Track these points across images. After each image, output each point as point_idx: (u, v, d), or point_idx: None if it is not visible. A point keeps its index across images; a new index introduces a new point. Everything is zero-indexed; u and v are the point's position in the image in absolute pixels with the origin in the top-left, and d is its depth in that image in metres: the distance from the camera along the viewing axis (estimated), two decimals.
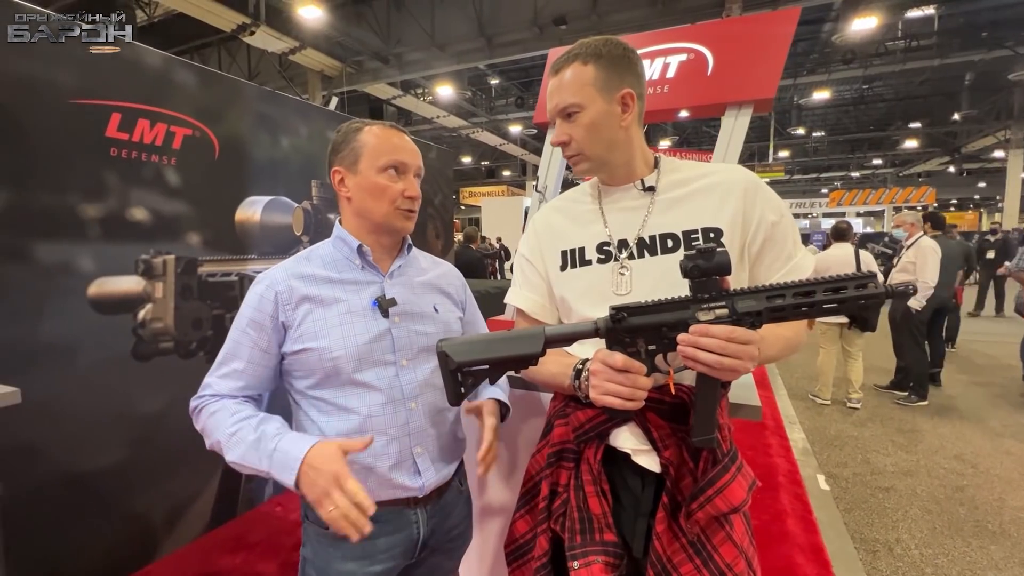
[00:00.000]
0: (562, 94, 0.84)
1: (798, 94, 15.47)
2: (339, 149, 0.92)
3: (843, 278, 0.65)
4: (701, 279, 0.69)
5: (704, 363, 0.67)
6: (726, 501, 0.74)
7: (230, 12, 8.89)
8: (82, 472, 1.85)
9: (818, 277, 0.67)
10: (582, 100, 0.83)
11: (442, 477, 0.93)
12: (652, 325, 0.71)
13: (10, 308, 1.64)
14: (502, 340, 0.76)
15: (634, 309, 0.72)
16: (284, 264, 0.91)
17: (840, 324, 4.10)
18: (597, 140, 0.85)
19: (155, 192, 2.04)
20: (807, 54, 13.27)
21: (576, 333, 0.75)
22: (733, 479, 0.76)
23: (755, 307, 0.67)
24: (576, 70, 0.83)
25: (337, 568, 0.84)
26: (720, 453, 0.77)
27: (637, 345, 0.72)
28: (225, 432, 0.81)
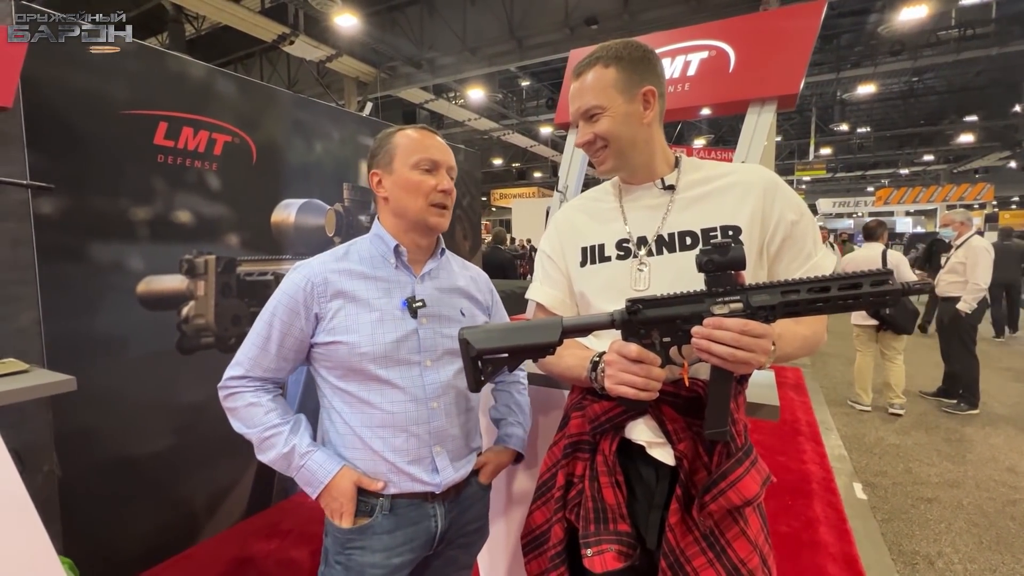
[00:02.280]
0: (584, 96, 0.86)
1: (841, 89, 14.84)
2: (376, 153, 0.98)
3: (860, 275, 0.64)
4: (716, 273, 0.70)
5: (717, 355, 0.67)
6: (739, 494, 0.74)
7: (271, 23, 9.28)
8: (132, 457, 1.98)
9: (834, 274, 0.67)
10: (604, 102, 0.84)
11: (460, 475, 0.96)
12: (667, 318, 0.72)
13: (68, 303, 1.77)
14: (521, 329, 0.79)
15: (649, 302, 0.73)
16: (322, 256, 0.96)
17: (874, 326, 3.92)
18: (619, 139, 0.86)
19: (198, 195, 2.16)
20: (851, 47, 12.71)
21: (592, 324, 0.78)
22: (747, 473, 0.76)
23: (769, 301, 0.67)
24: (597, 73, 0.85)
25: (360, 560, 0.88)
26: (734, 447, 0.78)
27: (652, 337, 0.73)
28: (258, 435, 0.91)
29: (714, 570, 0.77)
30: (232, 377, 0.93)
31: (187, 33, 10.87)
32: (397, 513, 0.89)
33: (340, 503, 0.86)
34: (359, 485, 0.87)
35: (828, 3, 6.77)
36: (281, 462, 0.88)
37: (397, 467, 0.89)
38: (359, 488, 0.88)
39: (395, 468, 0.89)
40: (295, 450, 0.88)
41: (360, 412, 0.89)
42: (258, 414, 0.90)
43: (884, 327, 3.84)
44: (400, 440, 0.89)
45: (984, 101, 15.60)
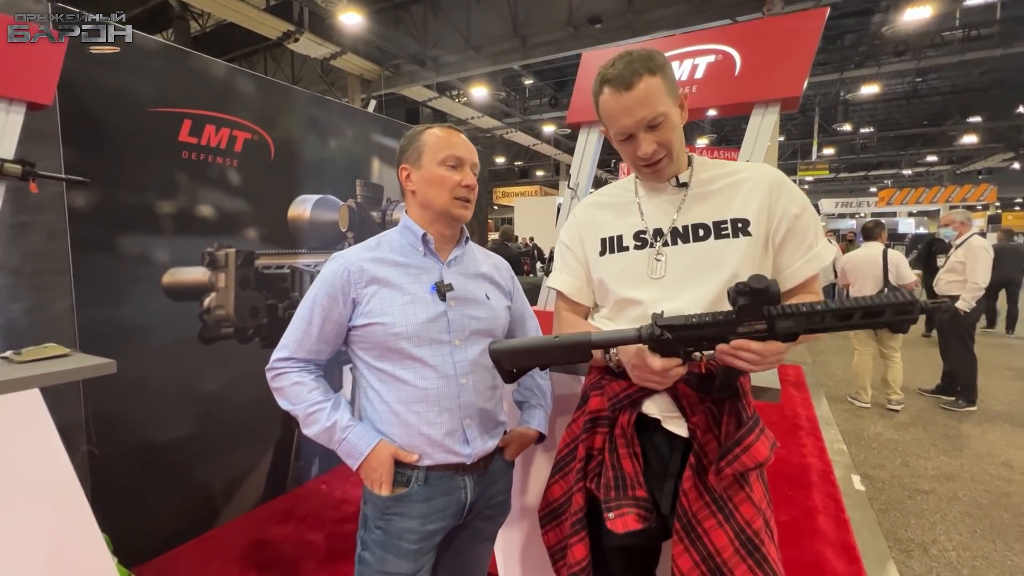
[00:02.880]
0: (648, 106, 0.87)
1: (844, 89, 14.84)
2: (405, 149, 1.04)
3: (884, 303, 0.67)
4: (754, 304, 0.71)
5: (739, 366, 0.75)
6: (752, 457, 0.82)
7: (276, 20, 9.35)
8: (155, 442, 2.06)
9: (861, 300, 0.69)
10: (666, 108, 0.88)
11: (487, 448, 1.03)
12: (693, 339, 0.77)
13: (99, 293, 1.85)
14: (551, 348, 0.86)
15: (676, 328, 0.76)
16: (357, 247, 1.03)
17: None
18: (675, 144, 0.91)
19: (219, 191, 2.24)
20: (855, 47, 12.73)
21: (619, 339, 0.82)
22: (757, 439, 0.84)
23: (793, 328, 0.71)
24: (648, 82, 0.87)
25: (398, 525, 0.96)
26: (745, 416, 0.85)
27: (677, 350, 0.79)
28: (303, 411, 0.98)
29: (723, 531, 0.84)
30: (278, 359, 1.00)
31: (192, 30, 10.94)
32: (431, 484, 0.97)
33: (379, 473, 0.94)
34: (396, 457, 0.95)
35: (832, 3, 6.82)
36: (324, 436, 0.96)
37: (432, 439, 0.96)
38: (396, 460, 0.95)
39: (430, 440, 0.96)
40: (337, 424, 0.95)
41: (395, 389, 0.97)
42: (302, 392, 0.97)
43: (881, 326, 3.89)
44: (433, 414, 0.96)
45: (988, 102, 15.61)
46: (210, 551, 2.12)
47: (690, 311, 0.83)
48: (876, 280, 3.91)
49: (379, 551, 0.95)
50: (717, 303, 0.87)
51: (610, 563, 0.97)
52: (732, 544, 0.84)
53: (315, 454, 2.81)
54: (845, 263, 4.21)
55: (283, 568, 2.01)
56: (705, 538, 0.85)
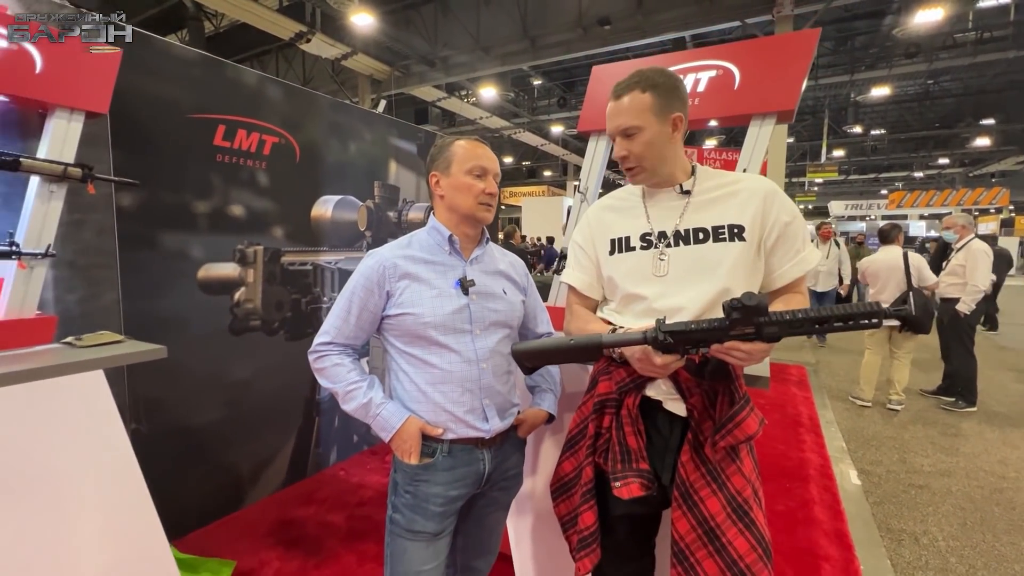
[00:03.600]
0: (623, 117, 1.02)
1: (855, 91, 14.76)
2: (436, 158, 1.16)
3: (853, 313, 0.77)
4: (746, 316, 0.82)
5: (730, 362, 0.88)
6: (743, 431, 0.94)
7: (289, 21, 9.52)
8: (189, 426, 2.20)
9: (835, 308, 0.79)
10: (641, 123, 1.01)
11: (504, 425, 1.16)
12: (693, 341, 0.88)
13: (142, 286, 2.00)
14: (566, 350, 1.00)
15: (677, 333, 0.88)
16: (390, 245, 1.16)
17: (890, 327, 4.03)
18: (652, 155, 1.03)
19: (249, 191, 2.38)
20: (866, 48, 12.69)
21: (626, 341, 0.94)
22: (748, 416, 0.96)
23: (778, 333, 0.83)
24: (635, 97, 1.01)
25: (426, 491, 1.08)
26: (737, 396, 0.97)
27: (676, 350, 0.90)
28: (342, 389, 1.11)
29: (716, 498, 0.96)
30: (321, 343, 1.13)
31: (206, 30, 11.13)
32: (454, 455, 1.10)
33: (409, 445, 1.06)
34: (423, 431, 1.07)
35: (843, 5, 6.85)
36: (360, 411, 1.09)
37: (455, 416, 1.08)
38: (423, 434, 1.08)
39: (453, 417, 1.08)
40: (372, 401, 1.08)
41: (423, 371, 1.09)
42: (342, 372, 1.10)
43: (904, 327, 3.93)
44: (456, 394, 1.09)
45: (1001, 104, 15.48)
46: (239, 529, 2.26)
47: (688, 307, 0.95)
48: (898, 284, 3.91)
49: (408, 512, 1.08)
50: (713, 300, 0.99)
51: (616, 529, 1.10)
52: (724, 510, 0.96)
53: (333, 442, 2.96)
54: (867, 267, 4.21)
55: (307, 546, 2.15)
56: (701, 505, 0.96)
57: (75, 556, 1.38)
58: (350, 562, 2.03)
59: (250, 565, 2.00)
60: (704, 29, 9.73)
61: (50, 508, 1.34)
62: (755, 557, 0.94)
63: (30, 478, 1.30)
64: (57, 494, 1.35)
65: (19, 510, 1.28)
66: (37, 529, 1.31)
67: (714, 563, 0.94)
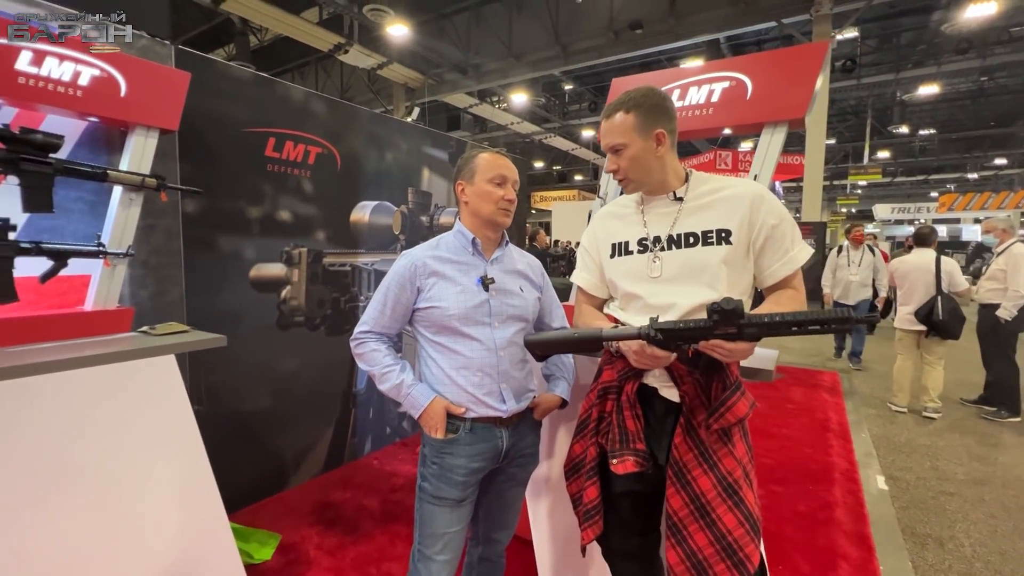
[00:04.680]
0: (611, 135, 1.14)
1: (901, 89, 14.17)
2: (462, 168, 1.30)
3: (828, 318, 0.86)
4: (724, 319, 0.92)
5: (715, 357, 0.98)
6: (734, 414, 1.03)
7: (328, 33, 9.97)
8: (240, 411, 2.42)
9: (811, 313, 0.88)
10: (625, 140, 1.12)
11: (520, 406, 1.28)
12: (681, 338, 0.99)
13: (202, 283, 2.22)
14: (571, 341, 1.15)
15: (668, 332, 0.98)
16: (421, 246, 1.30)
17: (918, 331, 3.94)
18: (636, 168, 1.14)
19: (295, 198, 2.60)
20: (912, 46, 12.19)
21: (624, 336, 1.05)
22: (738, 400, 1.05)
23: (757, 334, 0.93)
24: (621, 117, 1.12)
25: (450, 462, 1.22)
26: (728, 382, 1.06)
27: (668, 345, 1.00)
28: (378, 371, 1.26)
29: (707, 477, 1.05)
30: (361, 331, 1.28)
31: (251, 44, 11.75)
32: (475, 432, 1.22)
33: (435, 422, 1.20)
34: (448, 410, 1.21)
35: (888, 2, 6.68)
36: (394, 391, 1.23)
37: (476, 397, 1.21)
38: (448, 413, 1.21)
39: (475, 398, 1.21)
40: (403, 383, 1.22)
41: (449, 358, 1.23)
42: (378, 357, 1.25)
43: (931, 332, 3.86)
44: (477, 378, 1.22)
45: None
46: (283, 508, 2.46)
47: (680, 303, 1.05)
48: (927, 287, 3.85)
49: (435, 481, 1.22)
50: (701, 299, 1.08)
51: (619, 505, 1.20)
52: (715, 488, 1.05)
53: (368, 432, 3.14)
54: (895, 268, 4.16)
55: (345, 525, 2.32)
56: (693, 483, 1.06)
57: (149, 513, 1.59)
58: (383, 541, 2.19)
59: (293, 540, 2.18)
60: (739, 30, 9.62)
61: (129, 470, 1.55)
62: (742, 532, 1.02)
63: (113, 444, 1.51)
64: (134, 459, 1.56)
65: (104, 470, 1.49)
66: (119, 486, 1.52)
67: (704, 536, 1.03)
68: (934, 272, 3.83)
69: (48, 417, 1.39)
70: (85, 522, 1.45)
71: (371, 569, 1.99)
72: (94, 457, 1.47)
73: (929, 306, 3.80)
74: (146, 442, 1.59)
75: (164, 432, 1.63)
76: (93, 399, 1.48)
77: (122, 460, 1.53)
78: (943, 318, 3.73)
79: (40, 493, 1.37)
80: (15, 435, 1.34)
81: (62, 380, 1.41)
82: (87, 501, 1.45)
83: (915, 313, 3.88)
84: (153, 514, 1.60)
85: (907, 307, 3.99)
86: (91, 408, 1.47)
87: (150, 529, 1.59)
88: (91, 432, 1.47)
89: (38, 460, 1.37)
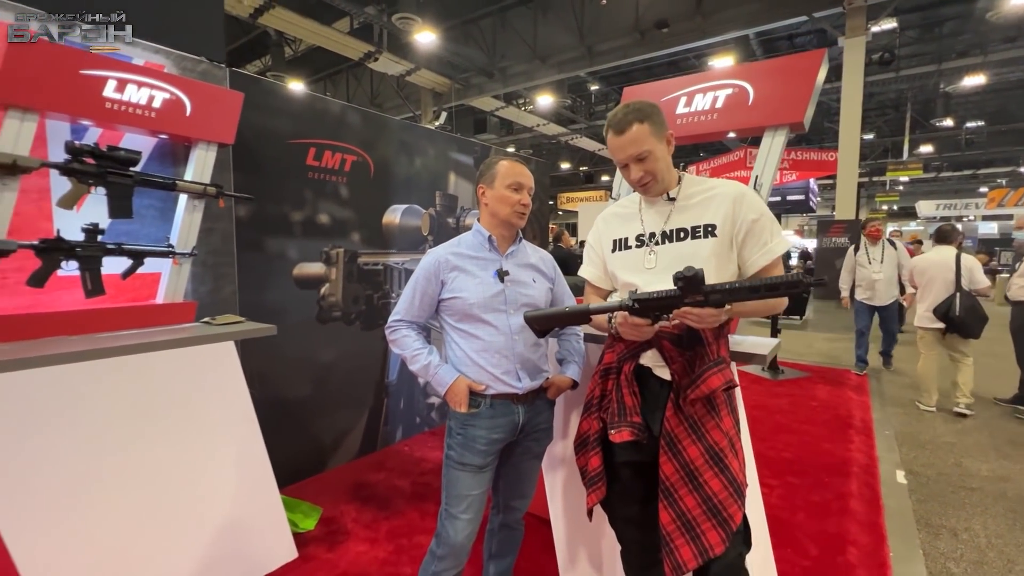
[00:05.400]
0: (635, 146, 1.24)
1: (944, 81, 13.60)
2: (484, 174, 1.47)
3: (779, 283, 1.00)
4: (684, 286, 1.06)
5: (688, 323, 1.11)
6: (708, 386, 1.16)
7: (358, 43, 10.34)
8: (287, 397, 2.66)
9: (765, 279, 1.02)
10: (649, 147, 1.24)
11: (534, 384, 1.44)
12: (655, 307, 1.13)
13: (253, 281, 2.46)
14: (564, 315, 1.32)
15: (644, 301, 1.13)
16: (444, 245, 1.48)
17: (938, 329, 3.90)
18: (661, 169, 1.27)
19: (332, 203, 2.83)
20: (955, 35, 11.71)
21: (607, 308, 1.21)
22: (713, 375, 1.17)
23: (720, 300, 1.06)
24: (638, 128, 1.23)
25: (473, 433, 1.38)
26: (708, 360, 1.18)
27: (648, 315, 1.15)
28: (409, 353, 1.43)
29: (696, 447, 1.18)
30: (394, 320, 1.46)
31: (286, 55, 12.27)
32: (494, 407, 1.39)
33: (459, 397, 1.36)
34: (470, 388, 1.37)
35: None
36: (423, 371, 1.40)
37: (495, 376, 1.37)
38: (470, 390, 1.38)
39: (493, 377, 1.38)
40: (431, 364, 1.39)
41: (470, 342, 1.39)
42: (409, 342, 1.43)
43: (950, 331, 3.82)
44: (496, 359, 1.38)
45: None
46: (323, 486, 2.69)
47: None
48: (947, 284, 3.83)
49: (459, 449, 1.39)
50: None
51: (621, 474, 1.34)
52: (703, 456, 1.17)
53: (399, 421, 3.35)
54: (915, 265, 4.15)
55: (379, 503, 2.52)
56: (683, 452, 1.19)
57: (212, 479, 1.82)
58: (414, 517, 2.38)
59: (333, 514, 2.40)
60: (770, 26, 9.47)
61: (198, 440, 1.78)
62: (727, 495, 1.15)
63: (183, 417, 1.75)
64: (201, 431, 1.79)
65: (176, 438, 1.73)
66: (188, 453, 1.75)
67: (693, 498, 1.16)
68: (954, 269, 3.79)
69: (131, 391, 1.63)
70: (159, 482, 1.68)
71: (403, 540, 2.18)
72: (167, 425, 1.71)
73: (947, 303, 3.77)
74: (210, 415, 1.82)
75: (225, 408, 1.87)
76: (166, 378, 1.72)
77: (191, 429, 1.77)
78: (960, 315, 3.69)
79: (122, 453, 1.61)
80: (105, 404, 1.58)
81: (141, 361, 1.65)
82: (161, 465, 1.69)
83: (934, 311, 3.85)
84: (215, 480, 1.83)
85: (924, 304, 3.96)
86: (165, 385, 1.71)
87: (213, 493, 1.82)
88: (165, 405, 1.71)
89: (127, 426, 1.62)
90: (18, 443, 1.41)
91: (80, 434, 1.52)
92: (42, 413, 1.45)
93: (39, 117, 1.64)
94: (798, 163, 12.08)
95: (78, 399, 1.52)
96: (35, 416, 1.44)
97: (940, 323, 3.82)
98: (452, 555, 1.38)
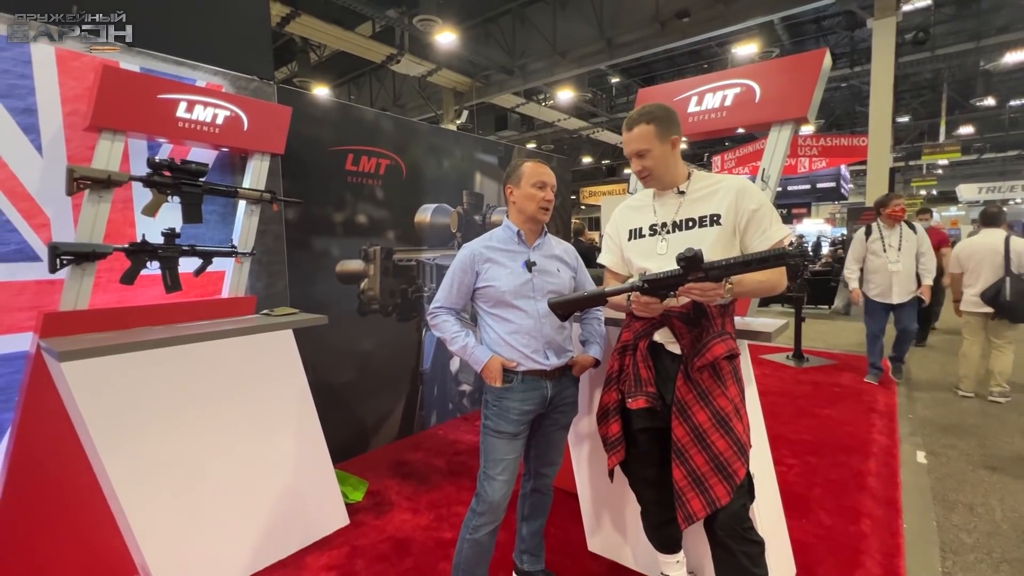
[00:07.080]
0: (636, 143, 1.42)
1: (984, 58, 13.03)
2: (511, 175, 1.65)
3: (768, 255, 1.14)
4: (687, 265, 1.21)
5: (692, 298, 1.26)
6: (712, 353, 1.31)
7: (381, 46, 10.61)
8: (333, 383, 2.90)
9: (756, 253, 1.16)
10: (649, 146, 1.41)
11: (561, 362, 1.61)
12: (663, 286, 1.29)
13: (300, 277, 2.71)
14: (582, 300, 1.49)
15: (653, 281, 1.29)
16: (477, 240, 1.66)
17: (984, 314, 3.85)
18: (658, 167, 1.43)
19: (370, 204, 3.05)
20: (995, 10, 11.24)
21: (621, 290, 1.37)
22: (715, 344, 1.32)
23: (719, 275, 1.21)
24: (642, 127, 1.41)
25: (507, 404, 1.56)
26: (713, 332, 1.34)
27: (657, 293, 1.31)
28: (449, 336, 1.62)
29: (704, 412, 1.34)
30: (435, 307, 1.66)
31: (312, 60, 12.66)
32: (526, 382, 1.57)
33: (493, 374, 1.54)
34: (503, 365, 1.55)
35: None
36: (461, 351, 1.59)
37: (525, 355, 1.55)
38: (504, 367, 1.56)
39: (524, 355, 1.55)
40: (468, 344, 1.58)
41: (503, 325, 1.58)
42: (448, 326, 1.62)
43: (998, 315, 3.78)
44: (525, 340, 1.56)
45: None
46: (367, 464, 2.93)
47: None
48: (995, 269, 3.75)
49: (495, 419, 1.57)
50: None
51: (638, 440, 1.50)
52: (710, 420, 1.33)
53: (434, 407, 3.58)
54: (960, 251, 4.00)
55: (418, 478, 2.74)
56: (693, 417, 1.35)
57: (274, 453, 2.06)
58: (450, 491, 2.59)
59: (377, 488, 2.63)
60: (795, 10, 9.27)
61: (263, 418, 2.02)
62: (731, 453, 1.31)
63: (249, 398, 1.99)
64: (264, 410, 2.03)
65: (244, 416, 1.97)
66: (256, 429, 2.00)
67: (701, 456, 1.32)
68: (1003, 253, 3.74)
69: (206, 374, 1.88)
70: (234, 455, 1.93)
71: (442, 510, 2.39)
72: (236, 405, 1.95)
73: (996, 287, 3.72)
74: (273, 396, 2.06)
75: (286, 389, 2.11)
76: (235, 363, 1.96)
77: (257, 409, 2.01)
78: (1011, 299, 3.65)
79: (203, 428, 1.86)
80: (187, 385, 1.83)
81: (213, 348, 1.89)
82: (233, 440, 1.94)
83: (981, 295, 3.80)
84: (278, 454, 2.07)
85: (973, 288, 3.89)
86: (234, 369, 1.95)
87: (276, 466, 2.07)
88: (234, 387, 1.95)
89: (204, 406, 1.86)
90: (119, 418, 1.66)
91: (169, 412, 1.77)
92: (140, 393, 1.71)
93: (125, 137, 1.90)
94: (828, 149, 11.81)
95: (164, 381, 1.77)
96: (135, 395, 1.69)
97: (987, 308, 3.78)
98: (490, 511, 1.58)
